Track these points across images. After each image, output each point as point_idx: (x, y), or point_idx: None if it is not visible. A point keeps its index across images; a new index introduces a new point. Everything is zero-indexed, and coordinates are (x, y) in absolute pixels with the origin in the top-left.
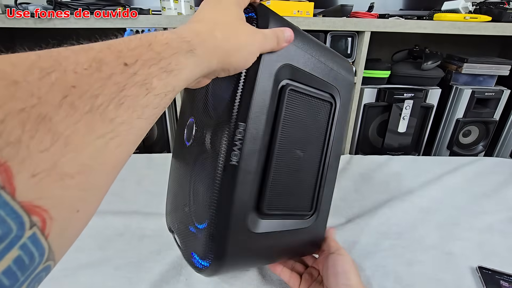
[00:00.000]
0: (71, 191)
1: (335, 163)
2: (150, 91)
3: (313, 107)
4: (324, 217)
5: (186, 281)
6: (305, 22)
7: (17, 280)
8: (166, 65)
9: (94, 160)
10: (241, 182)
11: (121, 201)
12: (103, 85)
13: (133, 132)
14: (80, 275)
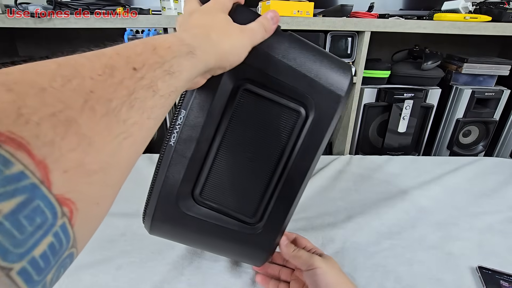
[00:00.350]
0: (94, 186)
1: (298, 179)
2: (156, 92)
3: (272, 113)
4: (273, 233)
5: (188, 281)
6: (305, 22)
7: (49, 263)
8: (169, 68)
9: (112, 158)
10: (174, 163)
11: (122, 201)
12: (116, 89)
13: (143, 131)
14: (82, 275)
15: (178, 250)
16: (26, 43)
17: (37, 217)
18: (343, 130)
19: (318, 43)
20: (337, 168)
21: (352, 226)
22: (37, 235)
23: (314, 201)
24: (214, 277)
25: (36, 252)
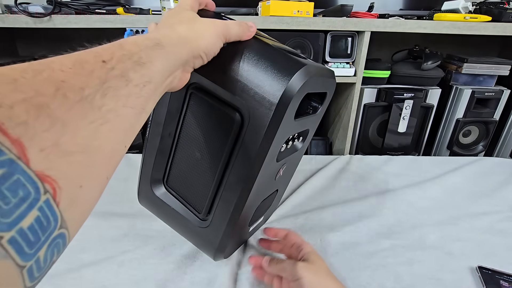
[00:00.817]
0: (73, 166)
1: (236, 186)
2: (129, 82)
3: (212, 117)
4: (218, 232)
5: (191, 279)
6: (305, 22)
7: (39, 238)
8: (138, 59)
9: (90, 141)
10: (148, 152)
11: (125, 202)
12: (87, 79)
13: (121, 119)
14: (84, 271)
15: (181, 248)
16: (26, 43)
17: (19, 190)
18: (343, 130)
19: (318, 43)
20: (337, 168)
21: (352, 226)
22: (22, 207)
23: (314, 200)
24: (218, 276)
25: (23, 224)
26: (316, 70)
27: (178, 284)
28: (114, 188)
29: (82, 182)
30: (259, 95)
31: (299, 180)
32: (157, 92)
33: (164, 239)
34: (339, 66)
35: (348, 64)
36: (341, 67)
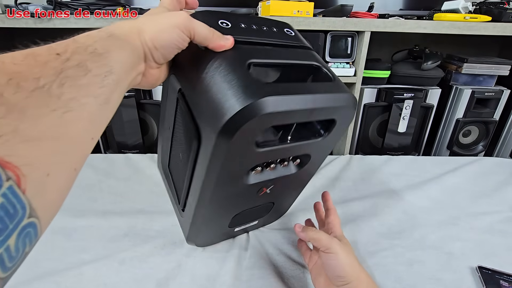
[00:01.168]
0: (37, 153)
1: (195, 197)
2: (87, 72)
3: (185, 128)
4: (187, 224)
5: (192, 276)
6: (305, 22)
7: (6, 226)
8: (93, 50)
9: (53, 129)
10: (161, 138)
11: (125, 202)
12: (41, 70)
13: (85, 109)
14: (85, 269)
15: (182, 247)
16: (26, 43)
17: None
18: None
19: (318, 43)
20: (337, 168)
21: (352, 226)
22: None
23: (314, 200)
24: (219, 273)
25: None
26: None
27: (179, 281)
28: (114, 188)
29: (49, 169)
30: (208, 120)
31: None
32: (121, 85)
33: (165, 238)
34: (339, 66)
35: (348, 64)
36: (341, 67)
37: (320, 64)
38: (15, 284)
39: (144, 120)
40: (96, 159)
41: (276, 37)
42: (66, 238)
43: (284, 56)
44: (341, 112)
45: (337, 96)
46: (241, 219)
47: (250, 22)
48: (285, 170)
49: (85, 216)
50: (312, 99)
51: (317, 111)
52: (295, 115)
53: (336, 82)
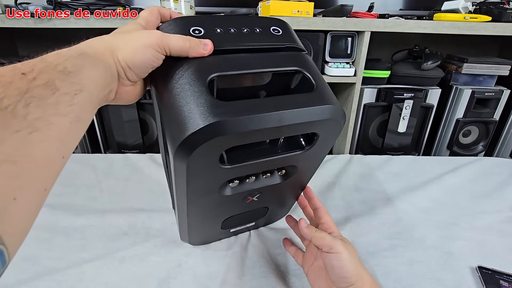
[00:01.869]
0: (1, 176)
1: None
2: (56, 90)
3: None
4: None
5: (193, 273)
6: (305, 22)
7: None
8: (63, 69)
9: (18, 151)
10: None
11: (125, 201)
12: (5, 90)
13: (54, 128)
14: (85, 268)
15: (182, 246)
16: (26, 43)
17: None
18: (343, 130)
19: (318, 43)
20: (337, 168)
21: (351, 225)
22: None
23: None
24: (220, 271)
25: None
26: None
27: (180, 280)
28: (114, 187)
29: (14, 194)
30: (169, 137)
31: None
32: (93, 102)
33: (165, 237)
34: (339, 66)
35: (348, 64)
36: (341, 67)
37: (302, 69)
38: (16, 283)
39: (144, 120)
40: (96, 159)
41: (257, 39)
42: (67, 237)
43: (258, 63)
44: (323, 125)
45: (314, 110)
46: (234, 222)
47: (229, 25)
48: (269, 180)
49: (85, 215)
50: (277, 117)
51: (287, 128)
52: (259, 134)
53: (317, 91)
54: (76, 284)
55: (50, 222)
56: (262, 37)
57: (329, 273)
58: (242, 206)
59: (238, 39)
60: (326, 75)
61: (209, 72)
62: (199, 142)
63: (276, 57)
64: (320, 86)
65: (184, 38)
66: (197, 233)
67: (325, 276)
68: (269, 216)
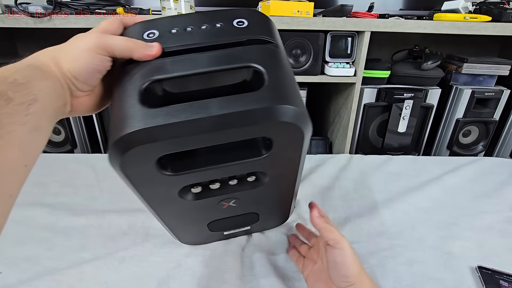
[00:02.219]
0: None
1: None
2: (10, 101)
3: None
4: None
5: (192, 274)
6: (305, 22)
7: None
8: (13, 80)
9: None
10: None
11: (125, 201)
12: None
13: (12, 137)
14: (85, 268)
15: (182, 246)
16: (26, 43)
17: None
18: (343, 130)
19: (318, 43)
20: (336, 167)
21: (351, 225)
22: None
23: (313, 200)
24: (220, 271)
25: None
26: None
27: (180, 280)
28: (114, 187)
29: None
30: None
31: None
32: (49, 112)
33: (164, 236)
34: (339, 66)
35: (348, 64)
36: (341, 67)
37: (255, 64)
38: (16, 283)
39: None
40: (96, 159)
41: (214, 36)
42: (67, 237)
43: (204, 63)
44: (273, 129)
45: (253, 112)
46: (223, 226)
47: (187, 24)
48: (239, 186)
49: (85, 215)
50: (206, 122)
51: (223, 134)
52: (190, 141)
53: (267, 89)
54: (76, 284)
55: (50, 222)
56: (221, 33)
57: (331, 271)
58: (221, 211)
59: (193, 37)
60: (326, 75)
61: (149, 75)
62: (121, 151)
63: (229, 53)
64: (273, 82)
65: (127, 38)
66: (184, 235)
67: (324, 278)
68: (263, 222)
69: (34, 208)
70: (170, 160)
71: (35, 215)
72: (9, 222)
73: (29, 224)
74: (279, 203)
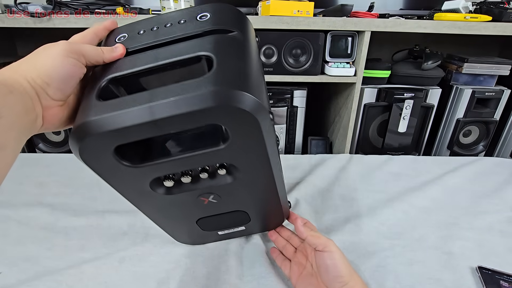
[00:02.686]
0: None
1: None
2: None
3: None
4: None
5: (193, 274)
6: (305, 22)
7: None
8: None
9: None
10: None
11: (124, 201)
12: None
13: None
14: (85, 268)
15: (181, 247)
16: (26, 43)
17: None
18: (343, 130)
19: (318, 43)
20: (337, 167)
21: (351, 225)
22: None
23: (314, 199)
24: (220, 271)
25: None
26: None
27: (180, 280)
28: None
29: None
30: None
31: (299, 179)
32: (16, 129)
33: (164, 237)
34: (339, 66)
35: (348, 64)
36: (341, 67)
37: (207, 52)
38: (16, 283)
39: None
40: None
41: (176, 31)
42: (66, 237)
43: (158, 57)
44: (223, 116)
45: (193, 98)
46: (214, 225)
47: (154, 24)
48: (214, 181)
49: (85, 215)
50: (148, 111)
51: (169, 121)
52: (138, 131)
53: (213, 74)
54: (76, 284)
55: (49, 222)
56: (183, 28)
57: (323, 274)
58: (205, 208)
59: (156, 36)
60: (326, 75)
61: (107, 73)
62: (78, 140)
63: (184, 45)
64: (220, 68)
65: (97, 47)
66: (178, 234)
67: (316, 283)
68: (257, 223)
69: (34, 208)
70: (129, 152)
71: (35, 215)
72: (9, 222)
73: (29, 224)
74: (265, 202)
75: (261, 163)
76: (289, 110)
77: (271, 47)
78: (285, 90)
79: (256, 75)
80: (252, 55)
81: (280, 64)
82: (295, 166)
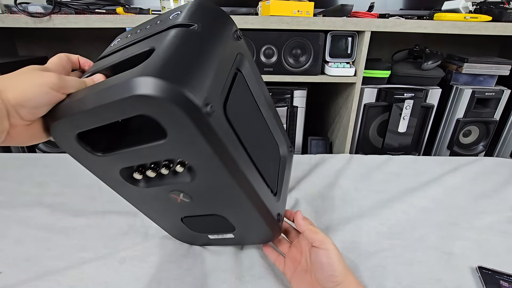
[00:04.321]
0: None
1: None
2: None
3: None
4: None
5: (193, 275)
6: (305, 22)
7: None
8: None
9: None
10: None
11: (124, 200)
12: None
13: None
14: (85, 268)
15: (182, 247)
16: (25, 42)
17: None
18: (343, 130)
19: (318, 43)
20: (337, 167)
21: (351, 225)
22: None
23: (314, 199)
24: (220, 271)
25: None
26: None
27: (180, 280)
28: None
29: None
30: None
31: (299, 179)
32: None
33: (164, 236)
34: (339, 66)
35: (348, 64)
36: (341, 67)
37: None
38: (16, 283)
39: None
40: None
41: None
42: (66, 237)
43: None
44: (139, 105)
45: (116, 87)
46: (200, 226)
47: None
48: (173, 177)
49: (85, 215)
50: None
51: (103, 109)
52: (85, 119)
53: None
54: (76, 284)
55: (49, 222)
56: (155, 28)
57: (317, 272)
58: (184, 207)
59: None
60: (326, 75)
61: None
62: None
63: (152, 39)
64: (153, 59)
65: (80, 80)
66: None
67: (310, 280)
68: (244, 232)
69: (34, 208)
70: (94, 140)
71: (35, 215)
72: (9, 222)
73: (29, 224)
74: (243, 210)
75: (212, 164)
76: (289, 110)
77: (271, 47)
78: (285, 90)
79: (204, 66)
80: (206, 47)
81: (280, 64)
82: (295, 166)
